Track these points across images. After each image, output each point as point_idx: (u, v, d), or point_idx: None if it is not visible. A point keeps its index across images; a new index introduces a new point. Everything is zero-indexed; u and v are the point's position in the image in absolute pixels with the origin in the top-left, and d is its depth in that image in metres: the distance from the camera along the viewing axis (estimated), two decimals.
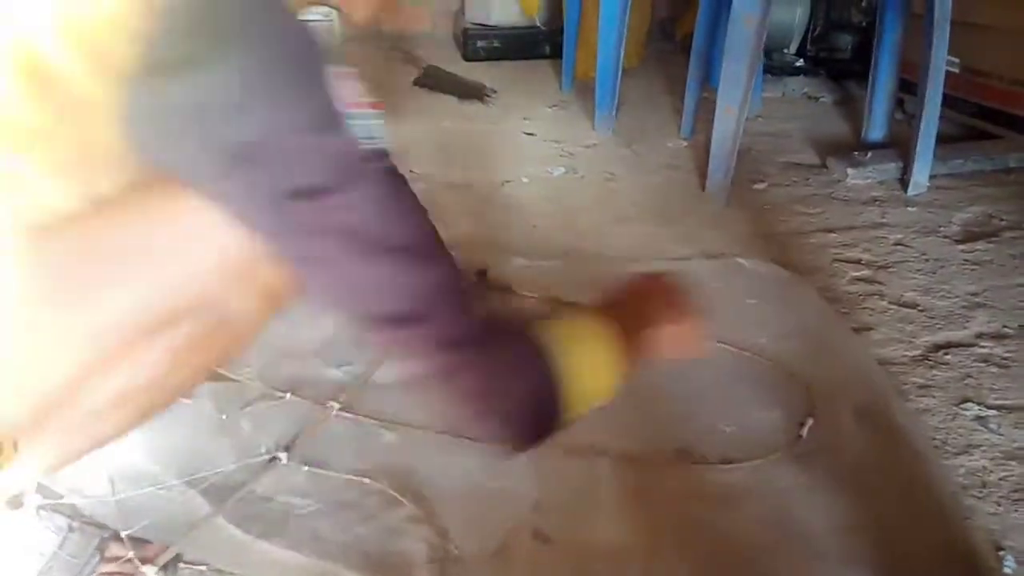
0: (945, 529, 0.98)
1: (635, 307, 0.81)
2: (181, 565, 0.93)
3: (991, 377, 1.24)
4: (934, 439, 1.11)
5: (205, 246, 0.64)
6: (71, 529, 0.88)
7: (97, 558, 0.87)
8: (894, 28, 1.91)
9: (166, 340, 0.68)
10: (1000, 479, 1.07)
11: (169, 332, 0.67)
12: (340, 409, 1.14)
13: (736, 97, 1.68)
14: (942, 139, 1.82)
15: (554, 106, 2.40)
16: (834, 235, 1.63)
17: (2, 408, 0.63)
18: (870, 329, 1.33)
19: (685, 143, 2.10)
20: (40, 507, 0.86)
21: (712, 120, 1.76)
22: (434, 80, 2.55)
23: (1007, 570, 0.94)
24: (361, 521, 0.97)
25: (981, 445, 1.12)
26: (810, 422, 1.12)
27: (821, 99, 2.40)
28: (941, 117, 1.77)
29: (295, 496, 1.01)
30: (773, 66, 2.52)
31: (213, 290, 0.67)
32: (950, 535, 0.97)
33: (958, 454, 1.10)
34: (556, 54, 2.62)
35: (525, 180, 1.91)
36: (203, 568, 0.93)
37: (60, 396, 0.65)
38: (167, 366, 0.70)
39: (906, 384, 1.21)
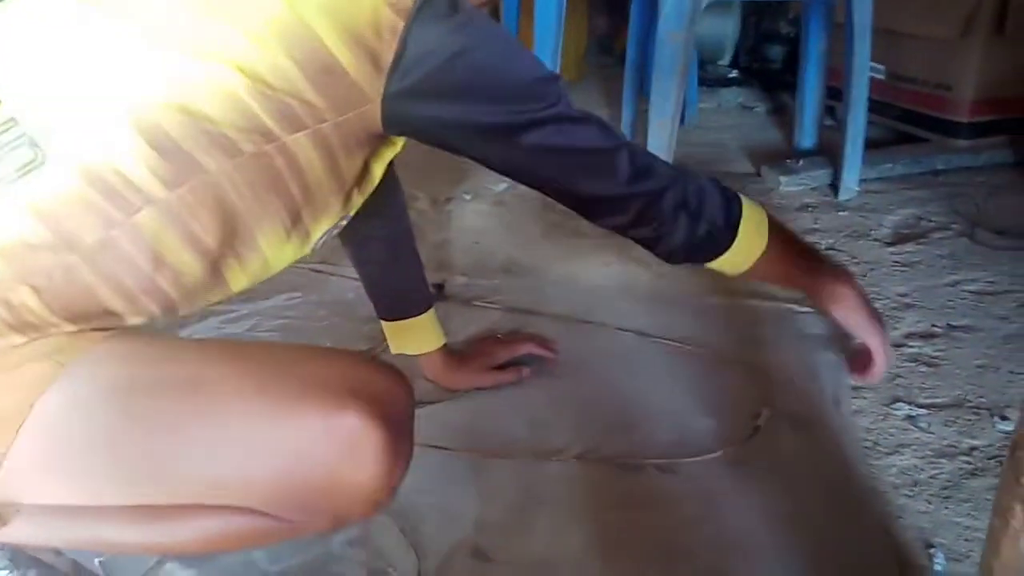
0: (877, 528, 0.99)
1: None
2: None
3: (921, 376, 1.26)
4: (866, 439, 1.13)
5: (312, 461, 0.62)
6: (31, 566, 0.85)
7: None
8: (819, 37, 1.96)
9: (214, 521, 0.66)
10: (930, 477, 1.09)
11: (226, 515, 0.65)
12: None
13: (667, 111, 1.70)
14: (871, 144, 1.86)
15: None
16: None
17: None
18: (802, 336, 1.35)
19: None
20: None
21: (646, 132, 1.78)
22: None
23: (937, 567, 0.95)
24: (296, 550, 0.96)
25: (912, 444, 1.14)
26: (766, 413, 1.14)
27: (755, 109, 2.45)
28: (869, 123, 1.82)
29: None
30: (708, 78, 2.56)
31: (294, 501, 0.65)
32: (882, 534, 0.99)
33: (889, 454, 1.12)
34: None
35: (467, 196, 1.91)
36: None
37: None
38: (189, 539, 0.67)
39: (837, 385, 1.23)
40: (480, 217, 1.82)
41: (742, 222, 0.92)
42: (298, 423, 0.62)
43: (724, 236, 0.92)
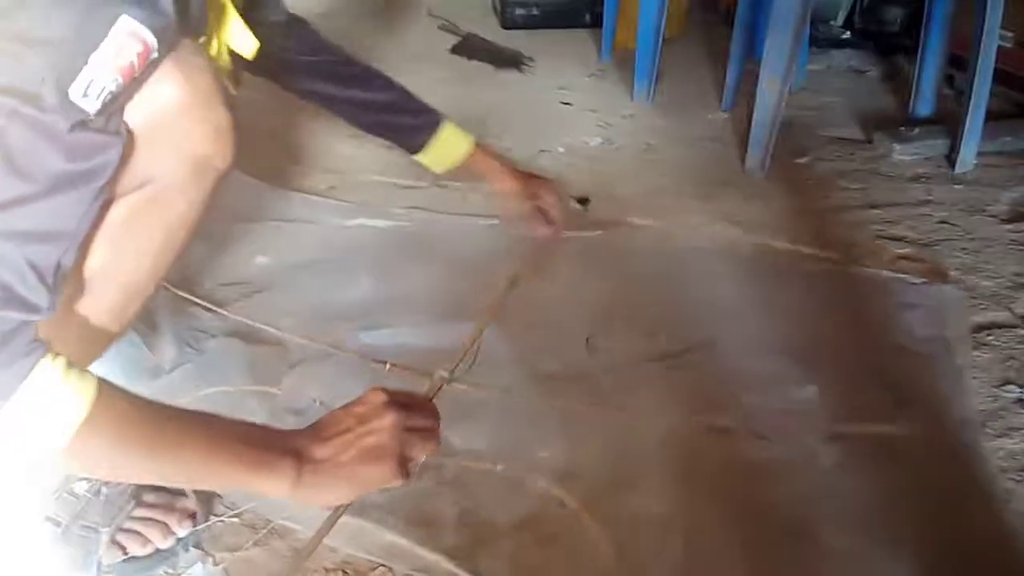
0: (985, 511, 0.96)
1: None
2: (213, 516, 0.95)
3: None
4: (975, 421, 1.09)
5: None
6: None
7: (132, 503, 0.89)
8: (945, 1, 1.85)
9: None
10: None
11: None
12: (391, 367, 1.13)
13: (780, 68, 1.64)
14: (992, 116, 1.76)
15: (592, 75, 2.37)
16: (877, 211, 1.59)
17: None
18: (913, 307, 1.30)
19: (725, 115, 2.06)
20: None
21: (754, 92, 1.72)
22: (471, 48, 2.53)
23: None
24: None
25: (1022, 428, 1.10)
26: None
27: (867, 72, 2.34)
28: (992, 93, 1.72)
29: None
30: (819, 38, 2.45)
31: (137, 159, 0.70)
32: (989, 517, 0.95)
33: (998, 436, 1.08)
34: (596, 23, 2.57)
35: (561, 150, 1.89)
36: (235, 520, 0.95)
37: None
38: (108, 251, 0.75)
39: (947, 363, 1.18)
40: (574, 172, 1.80)
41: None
42: None
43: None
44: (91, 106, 0.59)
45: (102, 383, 0.62)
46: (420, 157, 1.17)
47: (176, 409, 0.68)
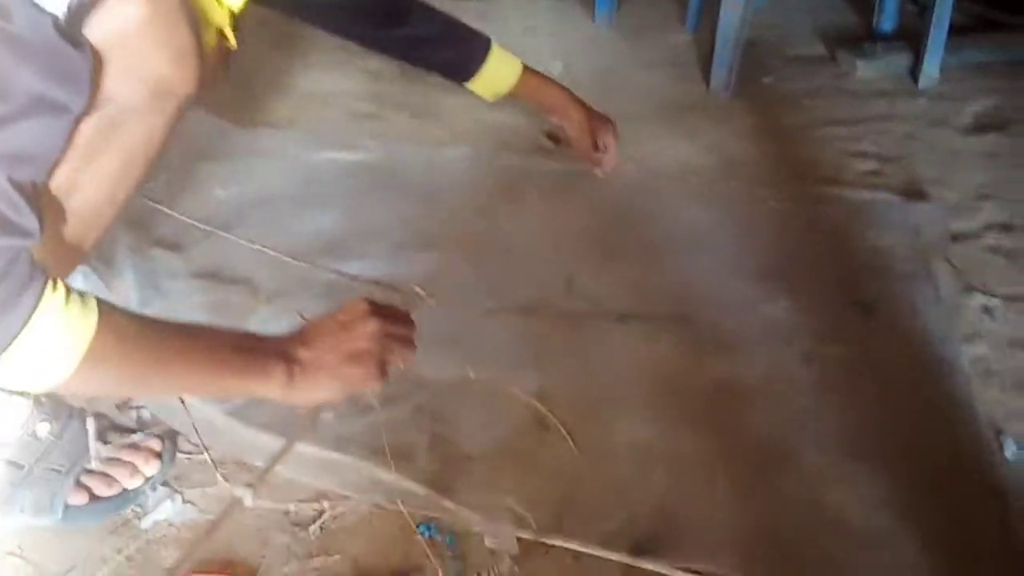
0: (951, 415, 0.98)
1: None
2: (180, 454, 0.93)
3: (997, 268, 1.23)
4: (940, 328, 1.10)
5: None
6: (71, 416, 0.87)
7: (96, 444, 0.87)
8: None
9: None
10: (1003, 367, 1.06)
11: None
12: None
13: None
14: (954, 30, 1.74)
15: None
16: (842, 128, 1.58)
17: None
18: (890, 225, 1.30)
19: (689, 37, 2.02)
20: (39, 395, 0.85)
21: (718, 13, 1.69)
22: None
23: (1008, 454, 0.94)
24: (361, 413, 0.97)
25: (986, 334, 1.11)
26: None
27: None
28: (954, 7, 1.70)
29: None
30: None
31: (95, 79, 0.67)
32: (956, 421, 0.97)
33: (963, 343, 1.09)
34: None
35: None
36: (202, 457, 0.93)
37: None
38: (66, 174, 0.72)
39: (914, 274, 1.19)
40: None
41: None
42: None
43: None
44: (57, 7, 0.57)
45: (101, 303, 0.64)
46: (470, 86, 1.16)
47: (172, 323, 0.73)
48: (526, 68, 1.21)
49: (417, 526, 0.86)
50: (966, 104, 1.65)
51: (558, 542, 0.84)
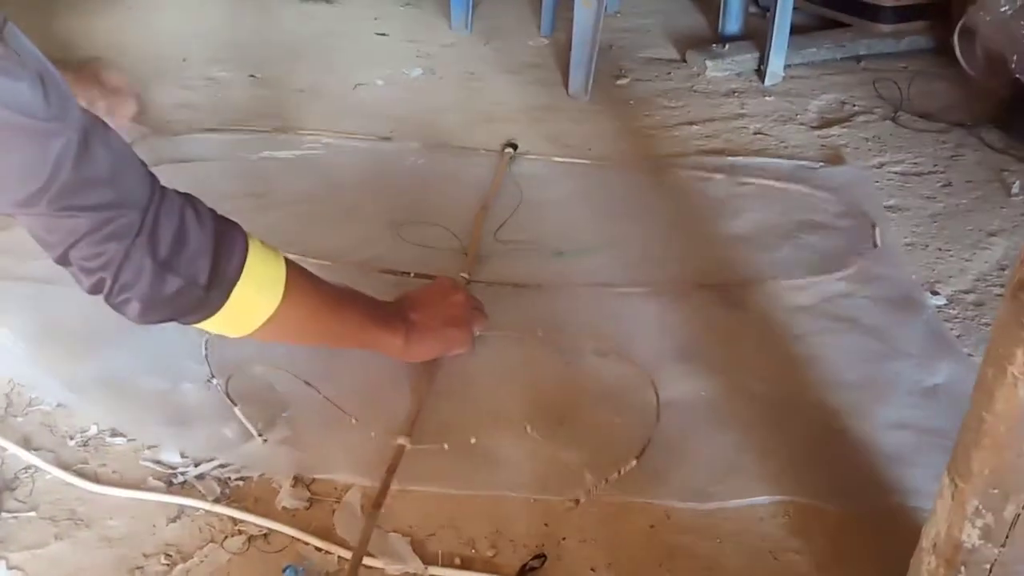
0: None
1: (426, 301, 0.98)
2: (5, 513, 0.82)
3: None
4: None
5: None
6: None
7: None
8: None
9: None
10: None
11: None
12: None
13: None
14: (796, 30, 1.82)
15: (407, 4, 2.26)
16: (696, 127, 1.61)
17: None
18: (736, 217, 1.33)
19: (546, 41, 2.02)
20: None
21: (572, 16, 1.69)
22: None
23: None
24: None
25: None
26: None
27: None
28: (794, 8, 1.77)
29: None
30: None
31: None
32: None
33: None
34: None
35: (380, 83, 1.79)
36: (31, 514, 0.83)
37: None
38: None
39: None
40: (395, 103, 1.71)
41: (242, 279, 0.76)
42: None
43: (211, 295, 0.75)
44: None
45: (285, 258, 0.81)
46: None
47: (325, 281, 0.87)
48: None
49: (284, 569, 0.78)
50: (810, 100, 1.72)
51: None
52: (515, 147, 1.50)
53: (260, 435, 0.89)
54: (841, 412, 0.96)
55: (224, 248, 0.74)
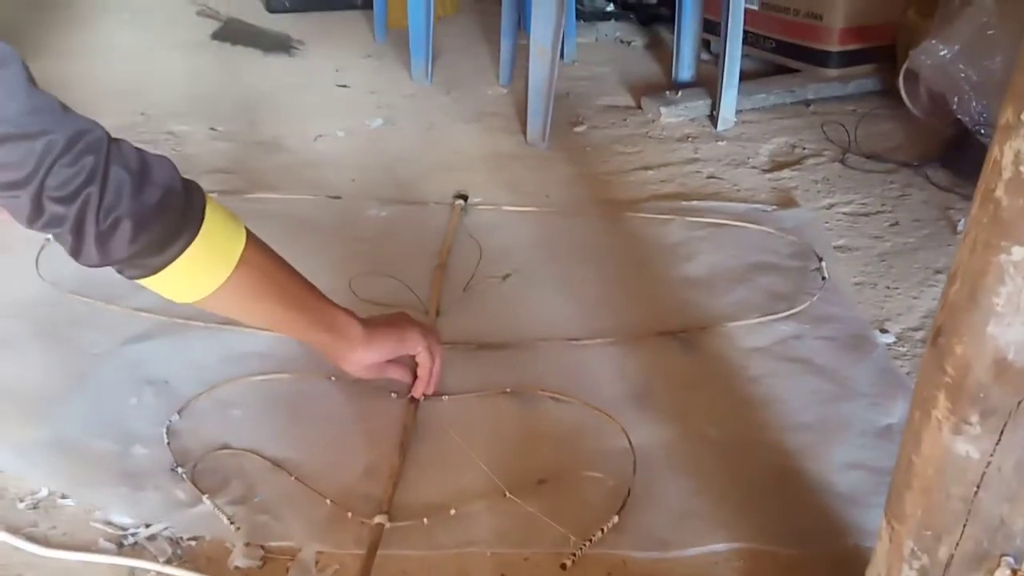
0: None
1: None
2: None
3: None
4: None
5: None
6: None
7: None
8: None
9: None
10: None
11: None
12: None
13: (547, 38, 1.66)
14: (746, 75, 1.88)
15: (368, 56, 2.30)
16: (651, 172, 1.64)
17: None
18: (690, 260, 1.35)
19: (504, 90, 2.06)
20: None
21: (527, 68, 1.73)
22: (234, 33, 2.37)
23: None
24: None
25: None
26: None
27: (632, 43, 2.43)
28: (744, 55, 1.83)
29: None
30: (585, 12, 2.53)
31: None
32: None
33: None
34: (367, 4, 2.50)
35: (341, 134, 1.81)
36: None
37: None
38: None
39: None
40: (356, 154, 1.72)
41: (208, 204, 0.78)
42: None
43: (192, 201, 0.77)
44: None
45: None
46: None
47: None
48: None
49: None
50: (761, 144, 1.76)
51: None
52: (465, 198, 1.50)
53: (232, 523, 0.86)
54: (796, 454, 0.97)
55: (186, 181, 0.78)
